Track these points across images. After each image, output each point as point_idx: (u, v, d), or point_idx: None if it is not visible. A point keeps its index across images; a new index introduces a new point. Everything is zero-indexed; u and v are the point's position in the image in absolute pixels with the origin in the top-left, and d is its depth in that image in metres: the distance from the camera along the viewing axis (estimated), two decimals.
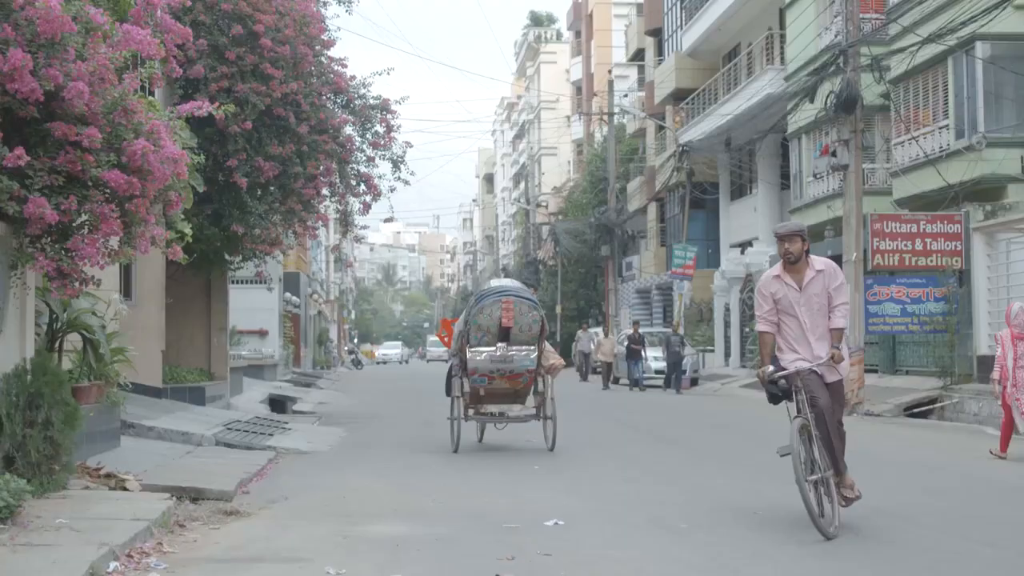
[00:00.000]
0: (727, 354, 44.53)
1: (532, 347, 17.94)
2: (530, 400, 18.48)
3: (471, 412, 18.44)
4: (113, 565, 8.14)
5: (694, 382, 39.41)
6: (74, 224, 10.92)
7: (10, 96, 10.16)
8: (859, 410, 25.27)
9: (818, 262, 10.73)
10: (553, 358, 18.11)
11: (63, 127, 10.53)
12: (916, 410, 25.58)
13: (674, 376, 38.02)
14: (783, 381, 10.53)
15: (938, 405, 25.42)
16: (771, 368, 10.51)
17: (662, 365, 40.12)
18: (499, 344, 17.88)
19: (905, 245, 27.27)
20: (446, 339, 21.57)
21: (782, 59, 40.35)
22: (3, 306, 11.14)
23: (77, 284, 11.30)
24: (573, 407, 27.86)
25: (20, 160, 10.15)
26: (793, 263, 10.63)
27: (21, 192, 10.28)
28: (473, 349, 17.91)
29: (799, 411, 10.35)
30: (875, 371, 30.41)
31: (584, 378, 47.79)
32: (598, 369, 48.10)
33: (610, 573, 8.40)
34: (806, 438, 10.18)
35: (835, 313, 10.59)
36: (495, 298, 18.02)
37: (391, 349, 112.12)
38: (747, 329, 42.06)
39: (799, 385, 10.42)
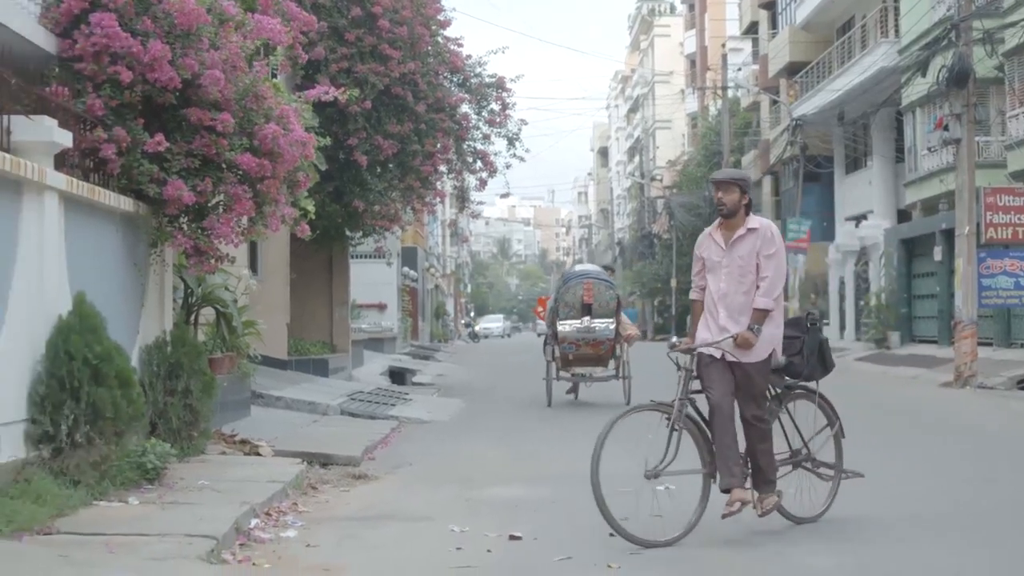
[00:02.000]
0: (842, 327, 44.44)
1: (611, 319, 21.09)
2: (611, 364, 21.41)
3: (562, 374, 21.22)
4: (254, 522, 8.78)
5: None
6: (209, 204, 11.61)
7: (150, 85, 10.82)
8: (972, 383, 25.32)
9: (754, 220, 9.07)
10: (630, 329, 21.40)
11: (199, 113, 11.19)
12: None
13: None
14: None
15: None
16: (674, 339, 9.11)
17: None
18: (584, 317, 20.96)
19: (1019, 219, 27.12)
20: (542, 313, 24.93)
21: (896, 32, 40.13)
22: (145, 282, 11.84)
23: (213, 261, 11.99)
24: None
25: (160, 145, 10.84)
26: (727, 216, 9.03)
27: (160, 175, 10.97)
28: (562, 322, 21.01)
29: (679, 394, 8.62)
30: (989, 344, 30.32)
31: None
32: None
33: (716, 532, 8.82)
34: (680, 428, 8.54)
35: (759, 287, 8.82)
36: (578, 280, 21.57)
37: (493, 323, 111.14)
38: (861, 302, 42.05)
39: (684, 367, 8.74)
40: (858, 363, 35.32)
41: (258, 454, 12.74)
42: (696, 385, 8.77)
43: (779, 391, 9.19)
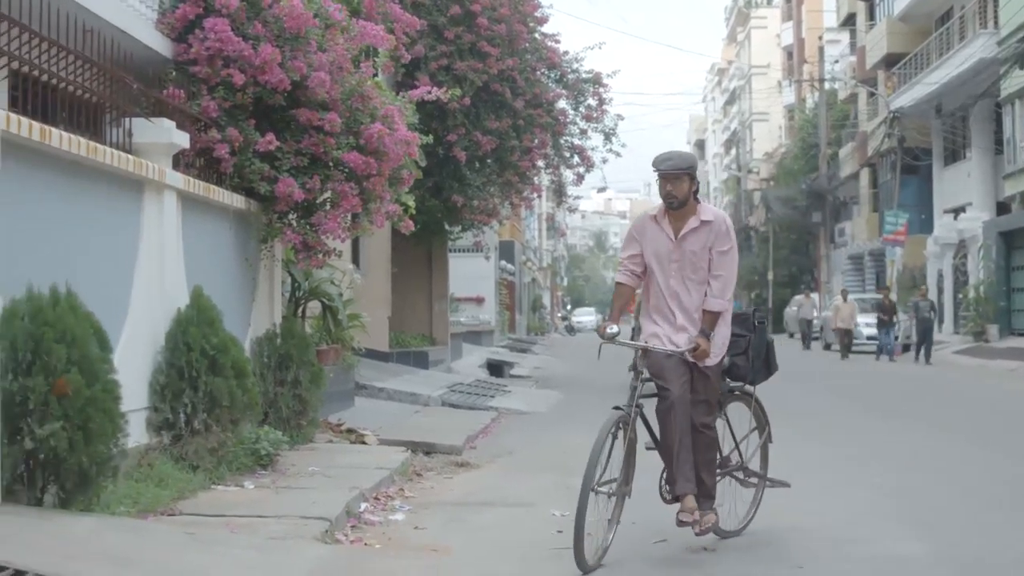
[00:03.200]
0: (940, 320, 44.19)
1: None
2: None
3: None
4: (363, 505, 9.20)
5: (906, 348, 38.69)
6: (318, 201, 12.05)
7: (261, 86, 11.27)
8: None
9: (707, 211, 8.06)
10: None
11: (307, 113, 11.64)
12: None
13: (924, 345, 35.03)
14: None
15: None
16: (614, 329, 7.93)
17: (873, 332, 39.73)
18: None
19: None
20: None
21: (995, 22, 39.80)
22: (255, 276, 12.30)
23: (321, 255, 12.44)
24: (799, 378, 28.28)
25: (271, 145, 11.31)
26: (676, 209, 7.96)
27: (271, 173, 11.43)
28: None
29: (630, 400, 7.85)
30: None
31: (807, 346, 47.00)
32: (816, 335, 47.58)
33: (809, 518, 9.09)
34: (623, 436, 7.81)
35: (711, 287, 7.95)
36: None
37: (585, 316, 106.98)
38: (959, 295, 41.79)
39: (639, 368, 7.95)
40: (956, 356, 35.21)
41: (363, 442, 13.17)
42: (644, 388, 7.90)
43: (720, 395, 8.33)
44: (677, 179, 7.88)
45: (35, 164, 7.65)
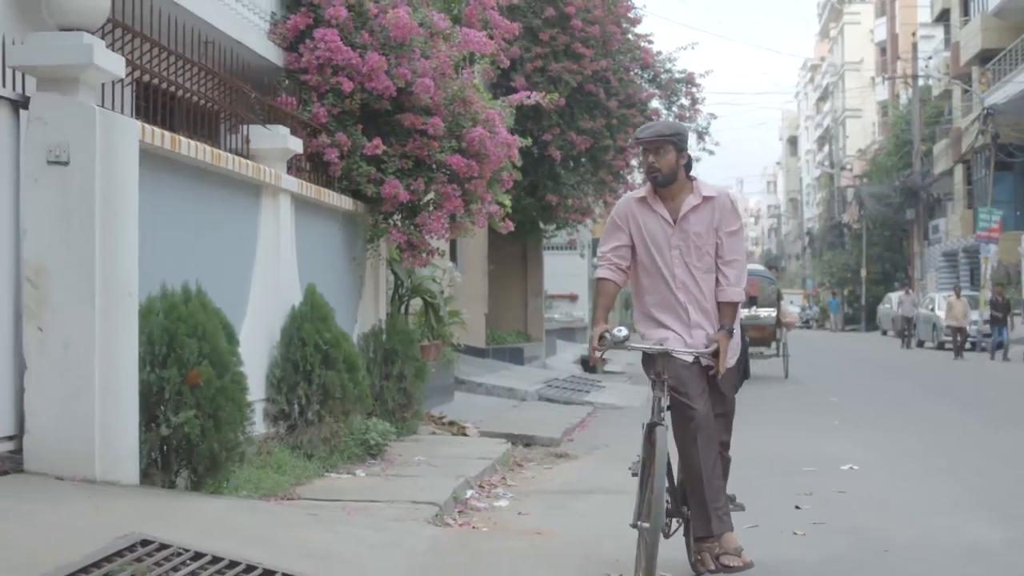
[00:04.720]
0: None
1: (772, 309, 26.84)
2: (773, 345, 27.47)
3: None
4: (469, 492, 9.69)
5: (999, 346, 38.25)
6: (421, 202, 12.54)
7: (368, 93, 11.78)
8: None
9: (707, 187, 6.90)
10: (789, 317, 27.58)
11: (411, 118, 12.14)
12: None
13: None
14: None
15: None
16: (622, 331, 6.49)
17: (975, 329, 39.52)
18: (751, 307, 25.52)
19: None
20: None
21: None
22: (362, 274, 12.82)
23: (424, 255, 12.95)
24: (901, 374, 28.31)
25: (377, 148, 11.83)
26: (663, 184, 6.80)
27: (377, 175, 11.95)
28: None
29: (654, 415, 6.53)
30: None
31: (907, 345, 46.38)
32: (910, 332, 47.08)
33: (895, 507, 9.43)
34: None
35: (726, 275, 6.83)
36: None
37: None
38: None
39: (663, 376, 6.56)
40: None
41: (465, 434, 13.66)
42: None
43: None
44: (660, 148, 6.73)
45: (166, 170, 8.21)
